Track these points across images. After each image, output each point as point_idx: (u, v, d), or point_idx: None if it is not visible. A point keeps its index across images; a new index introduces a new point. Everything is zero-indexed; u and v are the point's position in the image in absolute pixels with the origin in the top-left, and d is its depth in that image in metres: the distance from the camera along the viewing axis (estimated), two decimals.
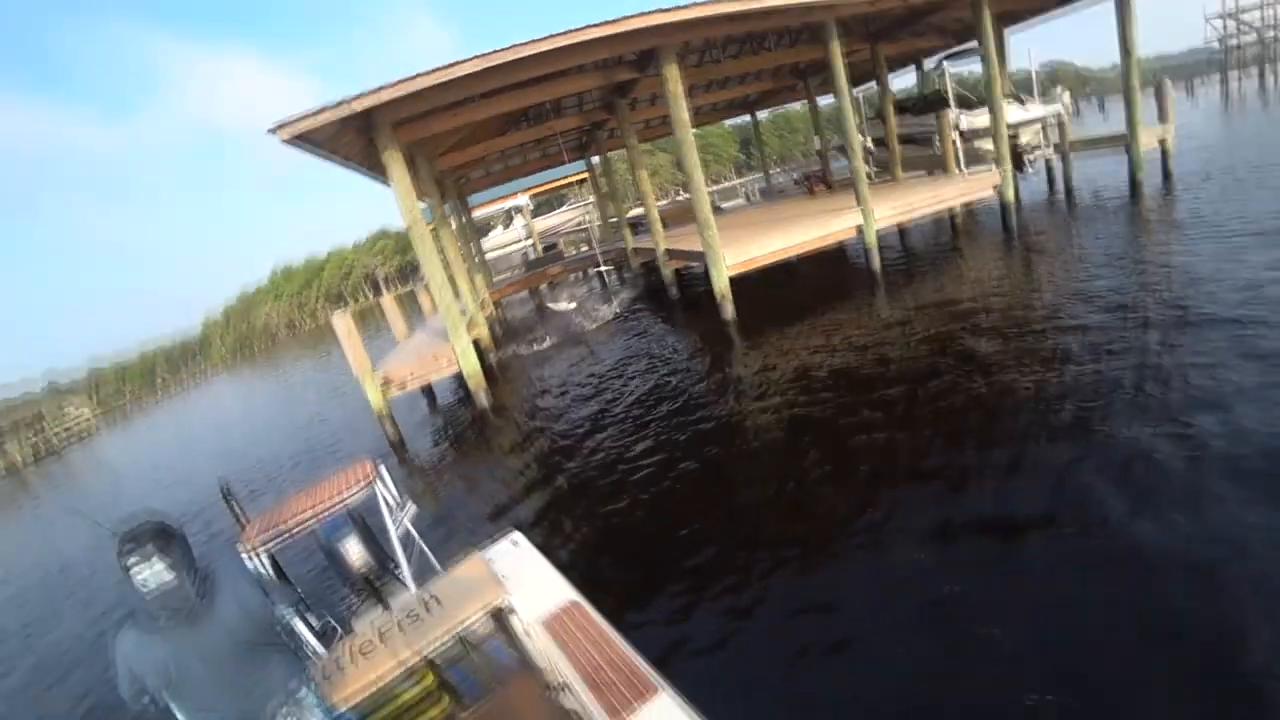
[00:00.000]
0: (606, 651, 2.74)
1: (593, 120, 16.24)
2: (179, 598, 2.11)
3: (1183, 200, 12.36)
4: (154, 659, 2.10)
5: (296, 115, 8.08)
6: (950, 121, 14.35)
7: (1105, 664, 2.98)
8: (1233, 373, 5.22)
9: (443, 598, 2.98)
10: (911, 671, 3.19)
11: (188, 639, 2.13)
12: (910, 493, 4.82)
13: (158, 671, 2.11)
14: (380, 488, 4.05)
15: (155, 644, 2.11)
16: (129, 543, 2.07)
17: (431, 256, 9.90)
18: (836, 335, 8.95)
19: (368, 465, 4.14)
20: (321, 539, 3.99)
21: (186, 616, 2.12)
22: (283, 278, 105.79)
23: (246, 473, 13.32)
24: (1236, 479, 3.96)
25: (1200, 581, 3.28)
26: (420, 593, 3.15)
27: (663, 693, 2.43)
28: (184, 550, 2.17)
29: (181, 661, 2.12)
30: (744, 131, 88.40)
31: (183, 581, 2.13)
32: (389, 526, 3.97)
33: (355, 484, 3.91)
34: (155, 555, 2.07)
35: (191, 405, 44.07)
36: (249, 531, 3.81)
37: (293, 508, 3.91)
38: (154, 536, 2.10)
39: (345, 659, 2.81)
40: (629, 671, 2.58)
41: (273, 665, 2.32)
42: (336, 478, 4.12)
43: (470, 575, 3.10)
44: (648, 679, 2.51)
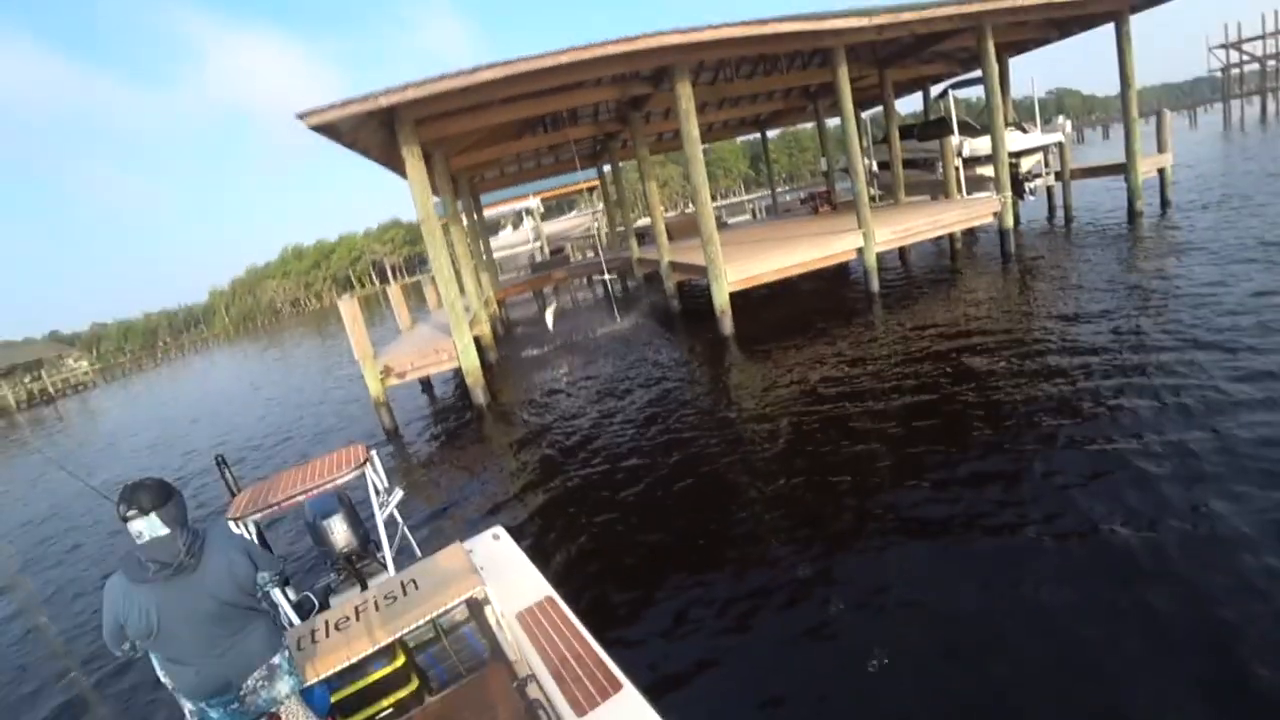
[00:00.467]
0: (576, 647, 2.80)
1: (606, 130, 16.61)
2: (169, 552, 2.23)
3: (1179, 227, 12.68)
4: (138, 606, 2.21)
5: (324, 105, 8.41)
6: (953, 147, 14.70)
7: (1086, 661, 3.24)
8: (1222, 392, 5.50)
9: (421, 582, 3.05)
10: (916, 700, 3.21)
11: (172, 592, 2.24)
12: (901, 509, 4.95)
13: (139, 619, 2.22)
14: (370, 472, 4.16)
15: (141, 592, 2.22)
16: (129, 494, 2.23)
17: (441, 250, 10.18)
18: (832, 353, 9.20)
19: (360, 449, 4.26)
20: (309, 516, 4.09)
21: (175, 571, 2.23)
22: (292, 257, 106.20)
23: (236, 445, 13.55)
24: (1229, 485, 4.23)
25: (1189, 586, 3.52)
26: (399, 576, 3.21)
27: (627, 689, 2.50)
28: (179, 508, 2.32)
29: (164, 613, 2.23)
30: (755, 147, 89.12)
31: (175, 536, 2.26)
32: (375, 510, 4.10)
33: (347, 466, 4.02)
34: (152, 510, 2.22)
35: (190, 372, 44.15)
36: (238, 500, 3.95)
37: (284, 483, 4.04)
38: (153, 491, 2.26)
39: (321, 632, 2.90)
40: (596, 667, 2.64)
41: (251, 629, 2.43)
42: (329, 458, 4.24)
43: (449, 563, 3.17)
44: (614, 676, 2.58)
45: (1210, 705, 2.85)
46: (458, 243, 15.07)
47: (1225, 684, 2.94)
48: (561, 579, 5.00)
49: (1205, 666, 3.04)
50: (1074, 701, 3.00)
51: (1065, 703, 3.01)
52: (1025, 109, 18.24)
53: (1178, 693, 2.94)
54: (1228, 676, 2.97)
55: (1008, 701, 3.07)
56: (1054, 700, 3.03)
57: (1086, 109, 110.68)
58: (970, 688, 3.19)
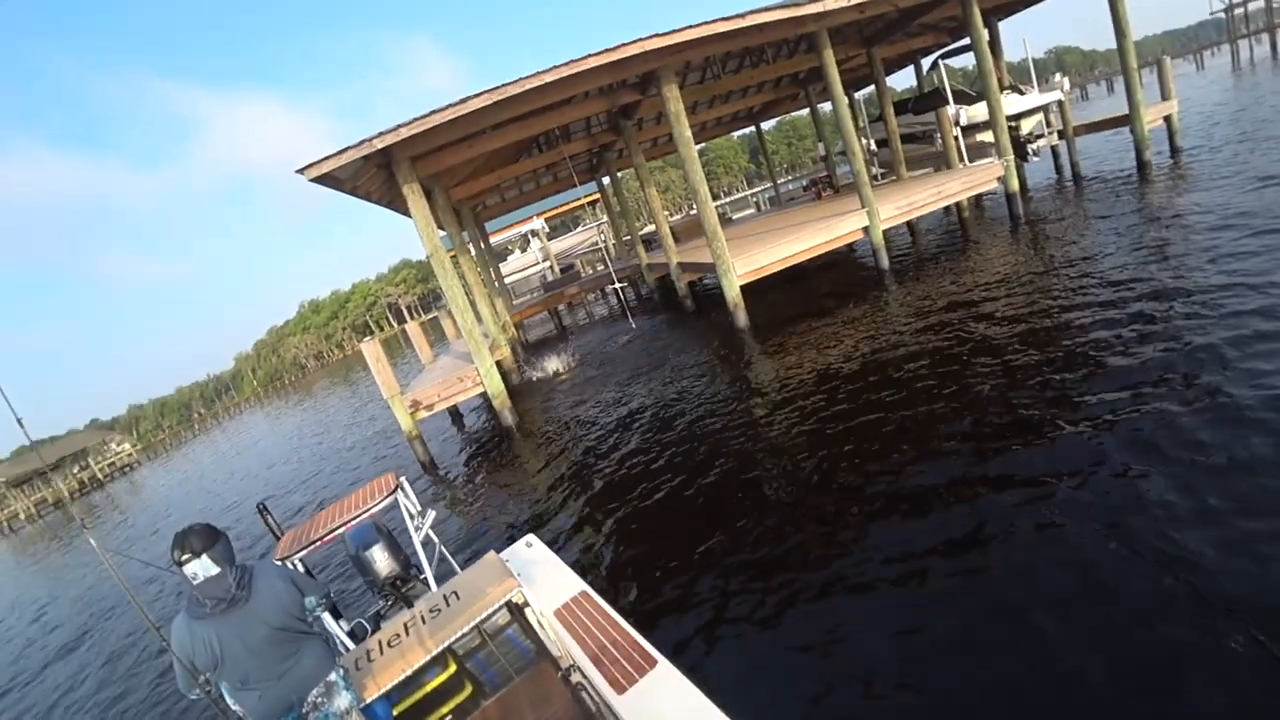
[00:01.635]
0: (612, 633, 2.98)
1: (601, 142, 16.76)
2: (223, 587, 2.47)
3: (1190, 174, 12.37)
4: (202, 640, 2.45)
5: (321, 156, 8.69)
6: (949, 117, 14.55)
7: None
8: (1249, 333, 5.35)
9: (461, 593, 3.20)
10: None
11: (230, 624, 2.47)
12: (934, 490, 4.84)
13: (205, 652, 2.45)
14: (402, 498, 4.35)
15: (203, 627, 2.45)
16: (181, 541, 2.45)
17: (453, 282, 10.36)
18: (848, 334, 9.15)
19: (390, 478, 4.45)
20: (350, 548, 4.29)
21: (229, 605, 2.47)
22: (309, 311, 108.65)
23: (279, 494, 13.89)
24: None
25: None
26: (441, 590, 3.36)
27: (661, 665, 2.68)
28: (226, 547, 2.55)
29: (225, 643, 2.46)
30: (753, 142, 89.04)
31: (225, 573, 2.49)
32: (411, 533, 4.28)
33: (379, 495, 4.22)
34: (204, 551, 2.45)
35: (227, 437, 45.32)
36: (283, 542, 4.15)
37: (323, 520, 4.25)
38: (201, 535, 2.49)
39: (375, 651, 3.06)
40: (632, 648, 2.82)
41: (306, 651, 2.65)
42: (362, 490, 4.43)
43: (486, 572, 3.32)
44: (649, 654, 2.76)
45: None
46: (468, 272, 15.29)
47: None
48: (599, 575, 5.16)
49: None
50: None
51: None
52: (1022, 71, 17.98)
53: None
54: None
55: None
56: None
57: (1088, 65, 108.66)
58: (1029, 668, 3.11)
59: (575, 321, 23.79)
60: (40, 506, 46.69)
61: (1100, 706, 2.78)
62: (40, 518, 43.23)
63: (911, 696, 3.13)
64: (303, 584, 2.78)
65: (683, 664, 2.72)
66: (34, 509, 45.77)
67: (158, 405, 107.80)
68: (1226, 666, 2.76)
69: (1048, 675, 2.99)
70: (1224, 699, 2.64)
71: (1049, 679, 2.97)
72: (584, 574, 3.73)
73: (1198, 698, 2.69)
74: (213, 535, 2.52)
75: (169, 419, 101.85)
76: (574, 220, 47.62)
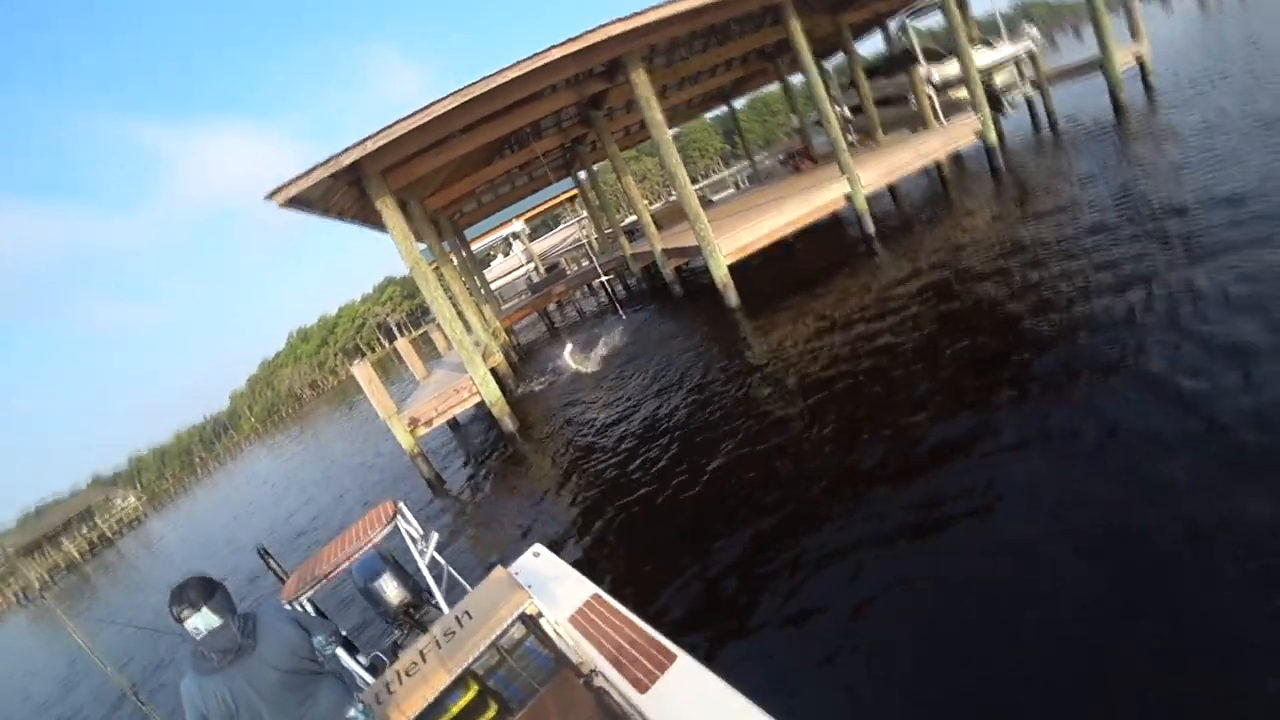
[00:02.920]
0: (629, 633, 2.94)
1: (573, 136, 16.52)
2: (227, 638, 2.38)
3: (1166, 111, 12.35)
4: (215, 696, 2.35)
5: (289, 179, 8.45)
6: (921, 76, 14.40)
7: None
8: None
9: (474, 612, 3.15)
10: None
11: (240, 674, 2.38)
12: (936, 448, 4.84)
13: (219, 707, 2.35)
14: (402, 523, 4.25)
15: (213, 682, 2.36)
16: (178, 596, 2.36)
17: (437, 294, 10.17)
18: (841, 303, 9.04)
19: (389, 505, 4.36)
20: (357, 582, 4.18)
21: (236, 654, 2.38)
22: (299, 340, 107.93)
23: (289, 528, 13.72)
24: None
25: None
26: (453, 612, 3.30)
27: (681, 659, 2.63)
28: (225, 598, 2.46)
29: (238, 695, 2.37)
30: (725, 122, 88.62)
31: (228, 624, 2.40)
32: (416, 558, 4.18)
33: (379, 524, 4.14)
34: (203, 604, 2.36)
35: (230, 478, 45.07)
36: (289, 585, 4.05)
37: (326, 556, 4.15)
38: (198, 588, 2.40)
39: (394, 683, 2.98)
40: (650, 646, 2.78)
41: (320, 691, 2.57)
42: (362, 522, 4.34)
43: (496, 587, 3.27)
44: (667, 649, 2.71)
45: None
46: (452, 282, 15.08)
47: None
48: (613, 575, 5.09)
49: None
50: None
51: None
52: (990, 26, 17.83)
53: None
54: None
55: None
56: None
57: (1054, 16, 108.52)
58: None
59: (566, 319, 23.61)
60: (54, 572, 46.44)
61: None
62: (55, 583, 42.96)
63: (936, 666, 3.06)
64: (309, 624, 2.69)
65: (703, 654, 2.71)
66: (47, 576, 45.55)
67: (158, 454, 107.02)
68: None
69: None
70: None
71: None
72: (597, 575, 3.67)
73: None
74: (210, 586, 2.43)
75: (171, 466, 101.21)
76: (554, 219, 47.28)
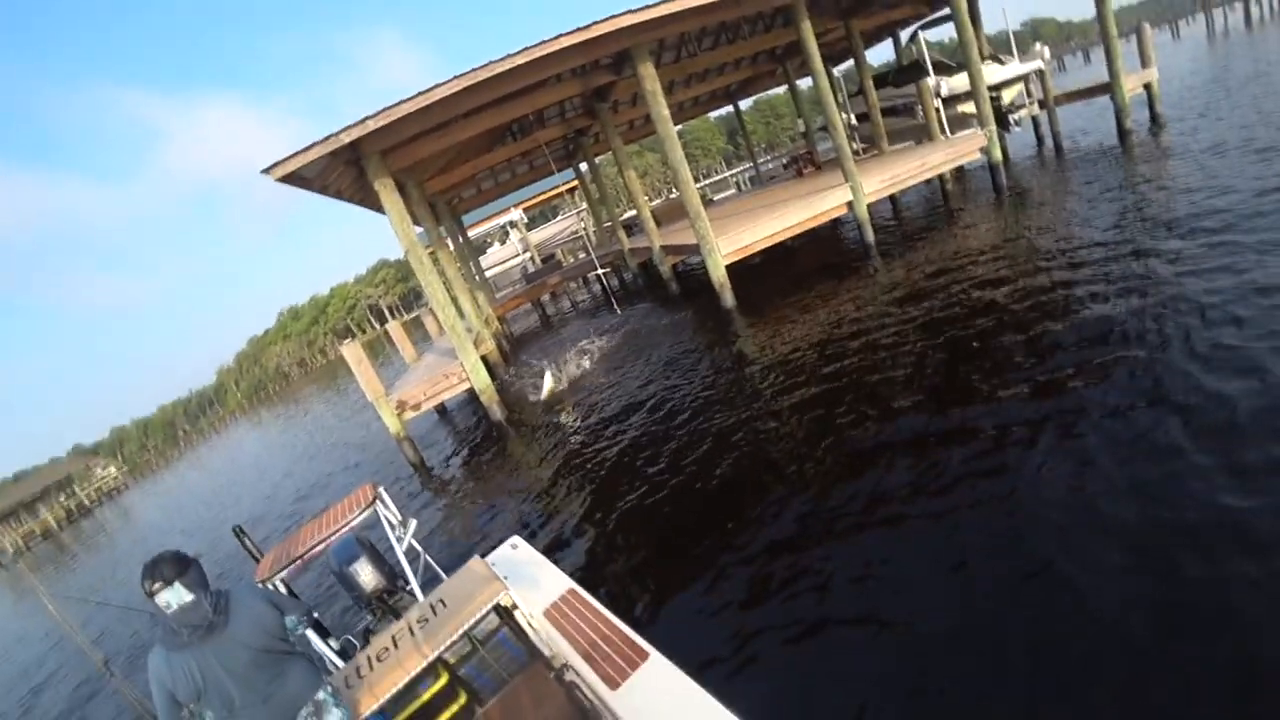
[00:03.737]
0: (602, 629, 2.93)
1: (576, 127, 16.39)
2: (198, 615, 2.35)
3: (1170, 140, 12.35)
4: (183, 671, 2.33)
5: (287, 155, 8.32)
6: (930, 89, 14.37)
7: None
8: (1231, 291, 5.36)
9: (449, 600, 3.18)
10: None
11: (210, 651, 2.36)
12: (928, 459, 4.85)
13: (186, 682, 2.33)
14: (381, 509, 4.21)
15: (181, 658, 2.33)
16: (150, 570, 2.33)
17: (432, 278, 10.06)
18: (836, 311, 9.00)
19: (368, 489, 4.31)
20: (333, 564, 4.15)
21: (207, 631, 2.36)
22: (289, 318, 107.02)
23: (272, 508, 13.58)
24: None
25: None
26: (428, 599, 3.32)
27: (654, 658, 2.63)
28: (198, 574, 2.42)
29: (206, 671, 2.35)
30: (729, 123, 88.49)
31: (200, 600, 2.37)
32: (394, 544, 4.13)
33: (358, 508, 4.09)
34: (175, 579, 2.33)
35: (215, 453, 44.67)
36: (263, 564, 4.00)
37: (302, 538, 4.09)
38: (171, 563, 2.36)
39: (365, 668, 3.01)
40: (623, 643, 2.78)
41: (291, 672, 2.56)
42: (340, 505, 4.28)
43: (473, 578, 3.29)
44: (640, 647, 2.71)
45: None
46: (448, 267, 14.95)
47: None
48: (592, 569, 5.02)
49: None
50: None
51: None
52: (1000, 42, 17.83)
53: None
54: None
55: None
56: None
57: (1064, 36, 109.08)
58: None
59: (559, 311, 23.49)
60: (29, 539, 46.00)
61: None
62: (29, 550, 42.49)
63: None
64: (282, 603, 2.68)
65: (676, 654, 2.64)
66: (22, 542, 45.09)
67: (141, 426, 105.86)
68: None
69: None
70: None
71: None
72: (577, 569, 3.73)
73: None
74: (183, 562, 2.39)
75: (154, 439, 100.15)
76: (553, 210, 47.06)
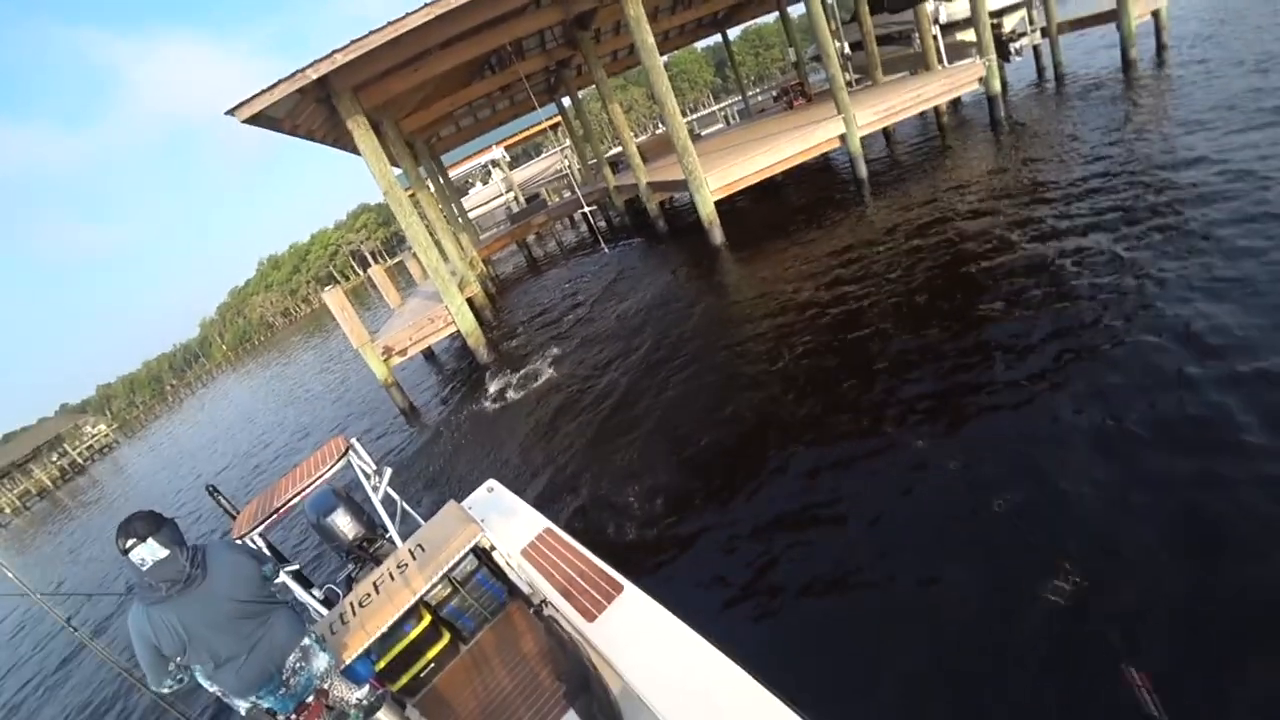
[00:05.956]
0: (579, 564, 3.01)
1: (558, 59, 15.62)
2: (174, 569, 2.37)
3: (1177, 72, 11.72)
4: (164, 625, 2.36)
5: (253, 94, 7.88)
6: (928, 15, 13.75)
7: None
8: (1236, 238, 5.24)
9: (427, 545, 3.25)
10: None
11: (189, 605, 2.39)
12: (912, 392, 4.90)
13: (170, 636, 2.36)
14: (355, 459, 4.22)
15: (160, 611, 2.36)
16: (124, 528, 2.34)
17: (413, 221, 9.77)
18: (828, 248, 8.86)
19: (340, 441, 4.31)
20: (310, 517, 4.17)
21: (185, 585, 2.37)
22: (269, 268, 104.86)
23: (267, 457, 13.64)
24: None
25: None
26: (406, 545, 3.38)
27: (628, 590, 2.72)
28: (173, 531, 2.44)
29: (189, 624, 2.38)
30: (718, 53, 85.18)
31: (175, 555, 2.38)
32: (370, 494, 4.17)
33: (330, 460, 4.10)
34: (149, 535, 2.34)
35: (202, 406, 44.50)
36: (239, 521, 4.04)
37: (277, 492, 4.10)
38: (145, 520, 2.38)
39: (348, 613, 3.09)
40: (599, 577, 2.86)
41: (275, 621, 2.60)
42: (313, 457, 4.28)
43: (450, 521, 3.36)
44: (615, 580, 2.80)
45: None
46: (429, 209, 14.52)
47: None
48: (568, 510, 5.09)
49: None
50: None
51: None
52: None
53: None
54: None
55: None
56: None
57: None
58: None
59: (546, 252, 23.10)
60: (25, 498, 46.32)
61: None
62: (27, 509, 42.86)
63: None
64: (256, 554, 2.74)
65: (652, 586, 2.72)
66: (19, 501, 45.35)
67: (127, 382, 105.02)
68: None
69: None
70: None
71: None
72: (553, 510, 3.84)
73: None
74: (157, 520, 2.41)
75: (141, 394, 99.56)
76: (536, 148, 45.62)
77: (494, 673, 3.19)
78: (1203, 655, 2.49)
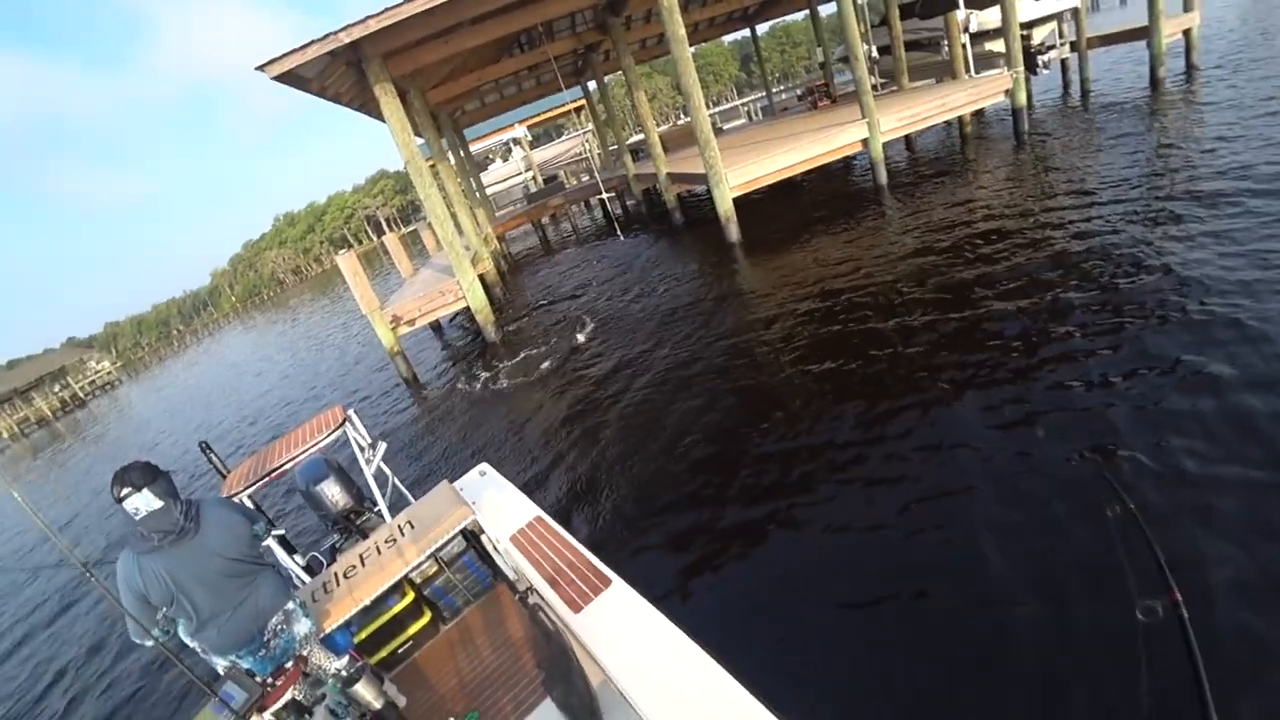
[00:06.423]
0: (567, 555, 3.00)
1: (586, 42, 15.65)
2: (169, 521, 2.39)
3: (1206, 94, 11.62)
4: (153, 574, 2.37)
5: (284, 52, 7.99)
6: (958, 23, 13.67)
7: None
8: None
9: (416, 522, 3.26)
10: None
11: (179, 557, 2.41)
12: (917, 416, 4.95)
13: (159, 585, 2.38)
14: (351, 430, 4.24)
15: (151, 560, 2.38)
16: (120, 476, 2.37)
17: (431, 191, 9.86)
18: (844, 254, 8.86)
19: (338, 410, 4.33)
20: (300, 483, 4.18)
21: (178, 536, 2.40)
22: (285, 224, 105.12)
23: (263, 418, 13.79)
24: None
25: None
26: (395, 520, 3.40)
27: (616, 584, 2.70)
28: (168, 483, 2.46)
29: (178, 576, 2.40)
30: (744, 48, 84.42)
31: (169, 507, 2.41)
32: (362, 466, 4.19)
33: (326, 429, 4.12)
34: (144, 485, 2.37)
35: (208, 354, 44.73)
36: (230, 480, 4.07)
37: (270, 455, 4.14)
38: (140, 471, 2.40)
39: (332, 583, 3.10)
40: (587, 569, 2.85)
41: (260, 582, 2.62)
42: (309, 424, 4.30)
43: (440, 501, 3.37)
44: (603, 574, 2.78)
45: None
46: (448, 181, 14.58)
47: None
48: (560, 500, 5.09)
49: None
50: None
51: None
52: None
53: None
54: None
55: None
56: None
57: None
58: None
59: (560, 234, 23.15)
60: (23, 425, 46.90)
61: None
62: (25, 436, 43.43)
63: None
64: (248, 513, 2.76)
65: (640, 583, 2.71)
66: (17, 428, 45.94)
67: (135, 323, 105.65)
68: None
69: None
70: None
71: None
72: (546, 498, 3.78)
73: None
74: (152, 471, 2.43)
75: (148, 336, 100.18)
76: (558, 129, 45.50)
77: (474, 655, 3.20)
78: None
